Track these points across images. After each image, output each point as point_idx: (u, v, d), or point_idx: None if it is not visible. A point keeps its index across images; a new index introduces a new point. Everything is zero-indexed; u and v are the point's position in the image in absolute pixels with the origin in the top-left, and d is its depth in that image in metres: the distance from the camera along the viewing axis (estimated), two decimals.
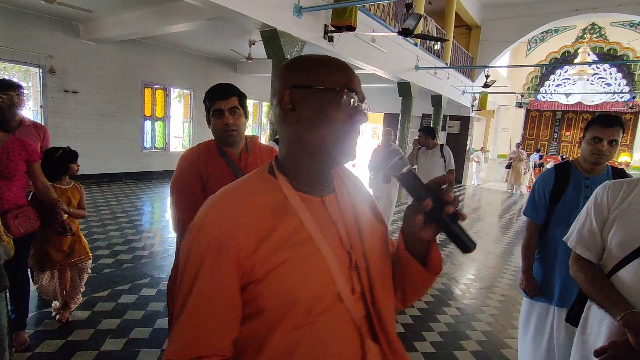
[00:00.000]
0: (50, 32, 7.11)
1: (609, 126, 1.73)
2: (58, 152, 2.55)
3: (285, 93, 0.70)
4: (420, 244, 0.73)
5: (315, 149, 0.70)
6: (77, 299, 2.70)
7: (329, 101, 0.68)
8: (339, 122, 0.69)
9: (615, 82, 15.08)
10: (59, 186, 2.55)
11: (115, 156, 8.51)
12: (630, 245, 1.16)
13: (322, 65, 0.71)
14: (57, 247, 2.52)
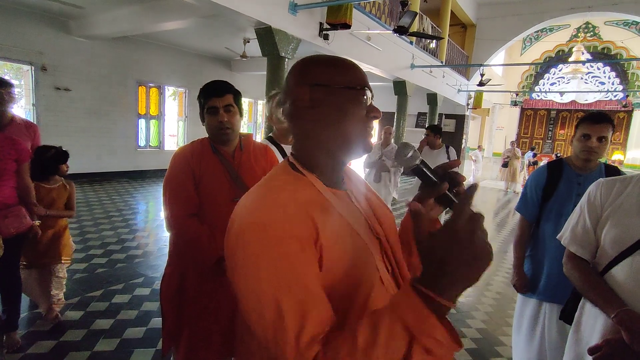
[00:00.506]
0: (42, 29, 7.03)
1: (597, 123, 1.75)
2: (49, 152, 2.50)
3: (303, 91, 0.72)
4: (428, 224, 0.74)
5: (335, 146, 0.74)
6: (57, 301, 2.60)
7: (349, 99, 0.72)
8: (358, 119, 0.73)
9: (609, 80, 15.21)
10: (44, 186, 2.49)
11: (108, 155, 8.44)
12: (623, 242, 1.17)
13: (338, 65, 0.74)
14: (32, 246, 2.43)
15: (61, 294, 2.66)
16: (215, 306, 1.55)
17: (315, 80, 0.72)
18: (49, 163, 2.50)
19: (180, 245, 1.58)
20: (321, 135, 0.73)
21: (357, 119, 0.72)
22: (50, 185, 2.53)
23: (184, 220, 1.52)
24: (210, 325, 1.55)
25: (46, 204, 2.48)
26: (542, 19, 11.58)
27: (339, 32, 5.63)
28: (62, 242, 2.63)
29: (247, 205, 0.68)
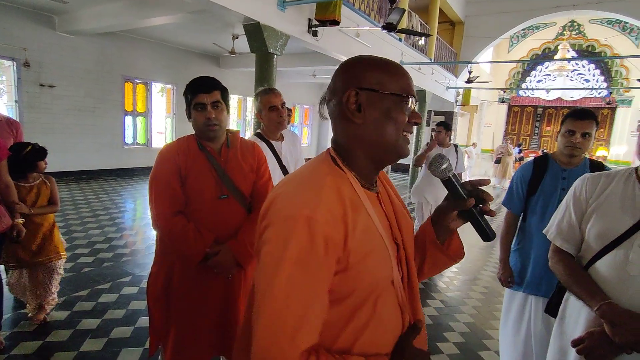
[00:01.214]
0: (24, 23, 6.85)
1: (581, 119, 1.79)
2: (26, 149, 2.42)
3: (350, 94, 0.75)
4: (445, 233, 0.89)
5: (377, 148, 0.77)
6: (50, 300, 2.60)
7: (395, 105, 0.75)
8: (401, 124, 0.76)
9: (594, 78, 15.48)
10: (24, 185, 2.43)
11: (94, 152, 8.29)
12: (607, 237, 1.18)
13: (386, 70, 0.76)
14: (24, 246, 2.41)
15: (55, 293, 2.64)
16: (202, 304, 1.54)
17: (363, 84, 0.75)
18: (27, 160, 2.43)
19: (167, 242, 1.56)
20: (364, 138, 0.76)
21: (399, 125, 0.76)
22: (30, 184, 2.47)
23: (170, 217, 1.51)
24: (198, 323, 1.54)
25: (29, 203, 2.43)
26: (529, 17, 11.72)
27: (327, 28, 5.61)
28: (56, 238, 2.60)
29: (292, 191, 0.71)
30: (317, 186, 0.70)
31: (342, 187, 0.72)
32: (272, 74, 5.12)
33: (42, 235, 2.51)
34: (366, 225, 0.72)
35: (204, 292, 1.54)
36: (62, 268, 2.69)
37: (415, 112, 0.78)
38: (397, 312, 0.79)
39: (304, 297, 0.63)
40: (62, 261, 2.66)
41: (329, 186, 0.70)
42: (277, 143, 2.29)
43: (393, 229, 0.81)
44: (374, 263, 0.72)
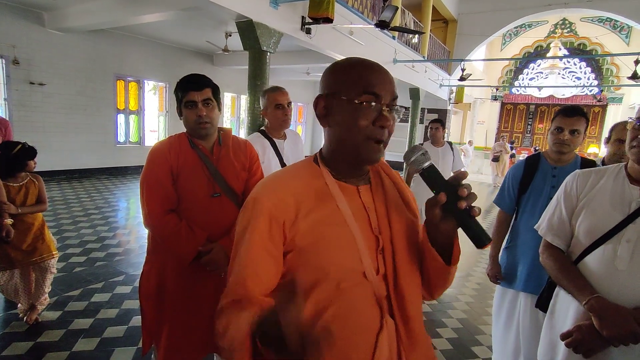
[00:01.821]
0: (13, 20, 6.74)
1: (569, 116, 1.80)
2: (15, 148, 2.39)
3: (319, 100, 0.80)
4: (443, 237, 0.78)
5: (344, 151, 0.79)
6: (43, 300, 2.59)
7: (352, 110, 0.75)
8: (362, 129, 0.74)
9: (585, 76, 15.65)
10: (12, 185, 2.40)
11: (86, 151, 8.20)
12: (596, 232, 1.20)
13: (349, 73, 0.77)
14: (16, 246, 2.39)
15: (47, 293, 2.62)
16: (195, 302, 1.53)
17: (328, 89, 0.79)
18: (17, 160, 2.40)
19: (159, 241, 1.55)
20: (332, 141, 0.81)
21: (359, 129, 0.74)
22: (19, 183, 2.45)
23: (162, 216, 1.50)
24: (191, 321, 1.54)
25: (18, 203, 2.40)
26: (521, 15, 11.81)
27: (321, 26, 5.60)
28: (47, 237, 2.58)
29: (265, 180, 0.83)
30: (286, 177, 0.81)
31: (312, 180, 0.80)
32: (266, 72, 5.11)
33: (32, 234, 2.49)
34: (327, 212, 0.77)
35: (197, 291, 1.53)
36: (55, 267, 2.67)
37: (382, 116, 0.75)
38: (372, 309, 0.77)
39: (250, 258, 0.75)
40: (55, 260, 2.64)
41: (297, 177, 0.80)
42: (280, 141, 2.29)
43: (373, 220, 0.81)
44: (328, 249, 0.74)
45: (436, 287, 0.88)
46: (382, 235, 0.80)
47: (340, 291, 0.74)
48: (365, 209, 0.81)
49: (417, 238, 0.87)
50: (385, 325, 0.77)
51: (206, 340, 1.57)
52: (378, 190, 0.85)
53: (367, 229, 0.79)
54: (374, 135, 0.75)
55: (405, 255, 0.82)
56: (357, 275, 0.76)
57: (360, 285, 0.76)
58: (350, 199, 0.80)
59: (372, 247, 0.78)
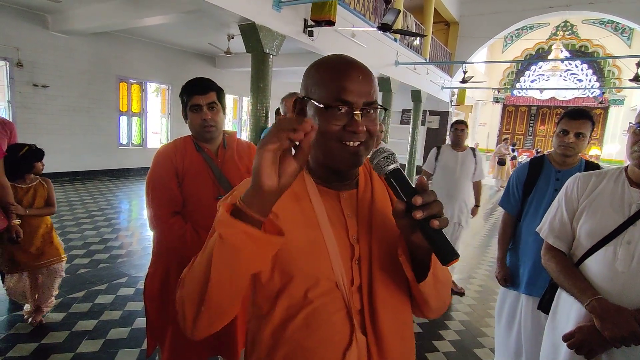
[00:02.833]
0: (17, 23, 6.79)
1: (575, 119, 1.79)
2: (23, 150, 2.42)
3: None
4: (418, 250, 0.69)
5: (320, 155, 0.76)
6: (49, 302, 2.60)
7: (320, 114, 0.71)
8: (331, 134, 0.71)
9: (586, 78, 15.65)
10: (20, 186, 2.43)
11: (89, 153, 8.24)
12: (597, 234, 1.21)
13: (322, 76, 0.73)
14: (24, 249, 2.41)
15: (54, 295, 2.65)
16: None
17: (303, 91, 0.76)
18: (24, 161, 2.43)
19: (164, 243, 1.57)
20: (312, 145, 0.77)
21: (329, 135, 0.71)
22: (27, 185, 2.47)
23: (167, 218, 1.51)
24: None
25: (26, 204, 2.42)
26: (523, 17, 11.82)
27: (323, 28, 5.63)
28: (55, 240, 2.61)
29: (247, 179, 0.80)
30: None
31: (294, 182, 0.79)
32: (268, 74, 5.13)
33: (40, 237, 2.51)
34: (302, 215, 0.74)
35: None
36: (64, 270, 2.69)
37: (353, 121, 0.70)
38: (343, 321, 0.72)
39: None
40: (63, 263, 2.66)
41: None
42: None
43: (351, 229, 0.76)
44: (296, 253, 0.71)
45: (421, 305, 0.78)
46: (360, 244, 0.75)
47: (309, 300, 0.71)
48: (344, 215, 0.77)
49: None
50: (355, 341, 0.71)
51: (210, 342, 1.58)
52: (365, 197, 0.80)
53: (344, 236, 0.75)
54: (346, 139, 0.70)
55: (385, 267, 0.75)
56: (327, 285, 0.72)
57: (330, 295, 0.72)
58: (329, 203, 0.77)
59: (347, 256, 0.74)
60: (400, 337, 0.77)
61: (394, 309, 0.76)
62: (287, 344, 0.72)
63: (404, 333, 0.78)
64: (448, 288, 0.79)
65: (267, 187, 0.56)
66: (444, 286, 0.76)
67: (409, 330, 0.80)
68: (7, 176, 2.24)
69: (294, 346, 0.72)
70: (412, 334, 0.81)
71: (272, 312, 0.73)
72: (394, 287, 0.77)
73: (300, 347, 0.71)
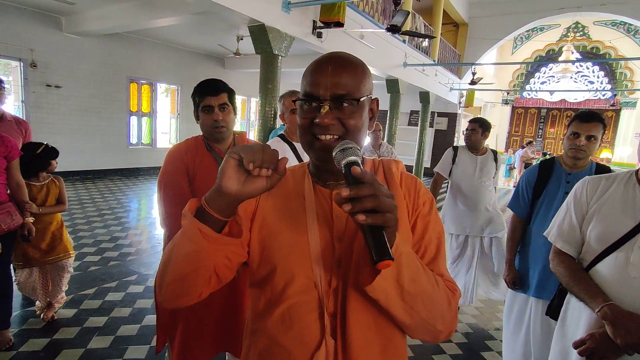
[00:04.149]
0: (31, 25, 6.92)
1: (586, 121, 1.77)
2: (38, 149, 2.49)
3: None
4: None
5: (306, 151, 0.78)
6: (60, 298, 2.66)
7: (298, 109, 0.76)
8: (303, 127, 0.74)
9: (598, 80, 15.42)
10: (35, 184, 2.50)
11: (100, 152, 8.36)
12: (607, 239, 1.20)
13: (304, 73, 0.76)
14: (35, 245, 2.47)
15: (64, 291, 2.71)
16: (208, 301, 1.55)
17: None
18: (40, 160, 2.49)
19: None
20: None
21: (302, 128, 0.74)
22: (41, 183, 2.53)
23: (178, 216, 1.53)
24: (204, 320, 1.57)
25: (39, 202, 2.48)
26: (533, 19, 11.70)
27: (332, 30, 5.64)
28: (65, 237, 2.67)
29: None
30: None
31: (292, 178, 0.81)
32: (277, 75, 5.16)
33: (51, 234, 2.57)
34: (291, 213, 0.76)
35: None
36: (72, 266, 2.74)
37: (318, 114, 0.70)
38: (315, 322, 0.71)
39: None
40: (72, 259, 2.71)
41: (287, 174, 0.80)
42: (299, 145, 2.33)
43: (337, 231, 0.74)
44: (280, 247, 0.74)
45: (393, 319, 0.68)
46: (343, 245, 0.73)
47: (286, 295, 0.72)
48: (333, 215, 0.75)
49: None
50: (324, 345, 0.69)
51: (219, 339, 1.60)
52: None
53: (329, 237, 0.74)
54: (317, 132, 0.71)
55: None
56: (305, 283, 0.71)
57: (307, 294, 0.71)
58: (320, 204, 0.77)
59: (329, 256, 0.72)
60: (376, 348, 0.72)
61: (370, 316, 0.71)
62: (264, 337, 0.75)
63: (383, 345, 0.73)
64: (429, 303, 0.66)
65: (226, 189, 0.61)
66: (421, 301, 0.65)
67: (391, 344, 0.74)
68: (23, 174, 2.30)
69: (271, 342, 0.74)
70: (396, 350, 0.75)
71: (258, 300, 0.77)
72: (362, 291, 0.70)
73: (276, 343, 0.73)
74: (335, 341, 0.70)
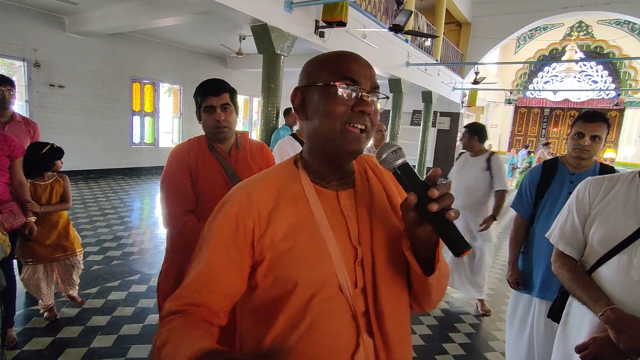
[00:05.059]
0: (35, 24, 6.95)
1: (591, 122, 1.76)
2: (44, 148, 2.52)
3: (296, 93, 0.76)
4: (423, 244, 0.68)
5: (320, 144, 0.74)
6: (73, 289, 2.77)
7: (326, 95, 0.70)
8: (338, 115, 0.69)
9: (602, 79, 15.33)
10: (40, 183, 2.53)
11: (103, 152, 8.39)
12: (611, 241, 1.18)
13: (325, 61, 0.73)
14: (41, 242, 2.50)
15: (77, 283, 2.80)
16: None
17: (302, 81, 0.76)
18: (46, 159, 2.53)
19: (177, 241, 1.59)
20: (310, 134, 0.75)
21: (335, 116, 0.69)
22: (45, 182, 2.56)
23: (181, 217, 1.54)
24: None
25: (44, 201, 2.51)
26: (536, 18, 11.65)
27: (334, 29, 5.63)
28: (72, 235, 2.72)
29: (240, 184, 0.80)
30: (260, 180, 0.77)
31: (289, 183, 0.76)
32: (279, 75, 5.16)
33: (57, 232, 2.61)
34: (301, 220, 0.71)
35: None
36: (81, 263, 2.81)
37: (362, 100, 0.69)
38: (348, 324, 0.71)
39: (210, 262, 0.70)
40: (79, 257, 2.76)
41: (272, 180, 0.76)
42: None
43: (352, 231, 0.74)
44: (298, 259, 0.69)
45: (422, 298, 0.79)
46: (362, 246, 0.73)
47: (312, 306, 0.69)
48: (344, 216, 0.75)
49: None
50: (361, 344, 0.70)
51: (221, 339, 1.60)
52: (363, 195, 0.78)
53: (345, 238, 0.73)
54: (353, 121, 0.69)
55: (388, 266, 0.74)
56: (331, 289, 0.70)
57: (334, 299, 0.70)
58: (328, 205, 0.74)
59: (349, 258, 0.72)
60: (405, 336, 0.78)
61: (397, 308, 0.76)
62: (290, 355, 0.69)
63: (407, 331, 0.80)
64: (447, 280, 0.79)
65: None
66: (445, 279, 0.77)
67: (408, 328, 0.81)
68: (28, 174, 2.34)
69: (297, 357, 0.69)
70: (410, 332, 0.82)
71: (275, 320, 0.70)
72: (397, 286, 0.76)
73: (305, 357, 0.69)
74: (372, 338, 0.72)
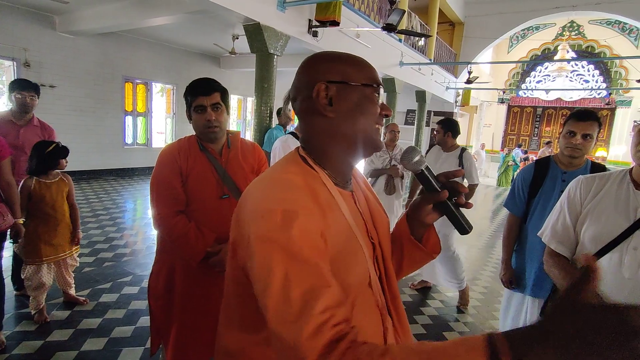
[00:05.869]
0: (25, 24, 6.85)
1: (582, 120, 1.78)
2: (49, 147, 2.55)
3: (320, 88, 0.73)
4: (421, 228, 0.85)
5: (352, 141, 0.75)
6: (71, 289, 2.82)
7: (365, 96, 0.74)
8: (373, 116, 0.75)
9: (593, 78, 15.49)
10: (45, 181, 2.55)
11: (95, 152, 8.29)
12: (601, 239, 1.18)
13: (351, 62, 0.76)
14: (47, 241, 2.54)
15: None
16: (203, 302, 1.55)
17: (332, 77, 0.73)
18: (51, 157, 2.55)
19: (168, 242, 1.57)
20: (337, 132, 0.74)
21: (371, 116, 0.75)
22: (50, 180, 2.59)
23: (172, 217, 1.52)
24: (199, 321, 1.56)
25: (48, 199, 2.54)
26: (529, 18, 11.74)
27: (328, 29, 5.62)
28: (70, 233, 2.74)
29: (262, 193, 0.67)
30: (289, 187, 0.66)
31: (315, 187, 0.69)
32: (273, 75, 5.14)
33: (62, 231, 2.64)
34: (341, 225, 0.70)
35: (205, 291, 1.55)
36: (77, 260, 2.87)
37: (384, 105, 0.78)
38: (376, 316, 0.76)
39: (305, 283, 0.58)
40: (75, 255, 2.81)
41: (300, 187, 0.67)
42: None
43: (369, 228, 0.79)
44: (348, 264, 0.69)
45: (407, 271, 0.93)
46: (375, 241, 0.79)
47: (354, 304, 0.70)
48: (362, 215, 0.78)
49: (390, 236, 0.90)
50: (388, 327, 0.78)
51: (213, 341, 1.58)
52: (359, 194, 0.84)
53: (366, 236, 0.77)
54: (379, 122, 0.77)
55: (389, 255, 0.84)
56: (364, 285, 0.74)
57: (365, 293, 0.74)
58: (349, 205, 0.76)
59: (370, 253, 0.76)
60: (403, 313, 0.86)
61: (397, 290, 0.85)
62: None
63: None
64: None
65: None
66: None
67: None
68: (34, 172, 2.44)
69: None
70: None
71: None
72: (393, 270, 0.87)
73: None
74: (392, 319, 0.79)
